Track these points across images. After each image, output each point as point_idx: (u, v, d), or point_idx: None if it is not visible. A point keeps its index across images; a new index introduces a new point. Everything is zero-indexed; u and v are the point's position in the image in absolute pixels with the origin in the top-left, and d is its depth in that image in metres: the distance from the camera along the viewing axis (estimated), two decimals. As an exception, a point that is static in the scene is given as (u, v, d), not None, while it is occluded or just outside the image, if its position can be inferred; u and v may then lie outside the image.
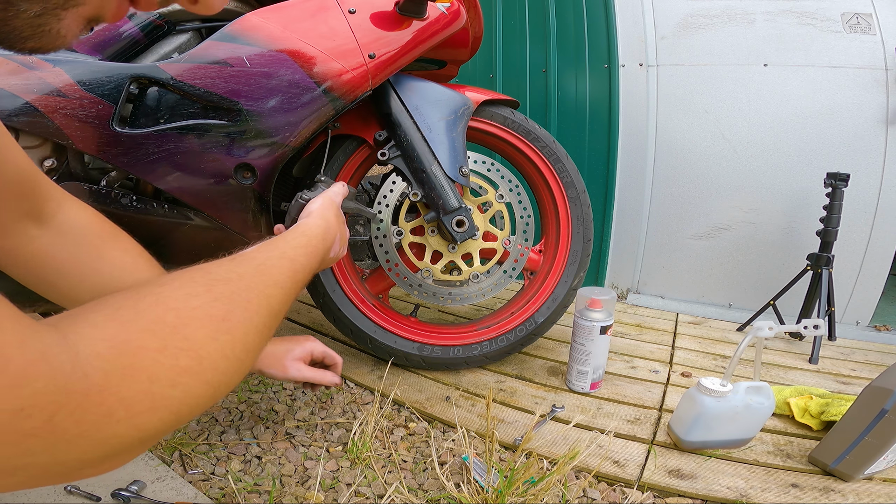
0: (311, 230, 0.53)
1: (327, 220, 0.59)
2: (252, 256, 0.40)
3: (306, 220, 0.57)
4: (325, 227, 0.56)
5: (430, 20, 0.84)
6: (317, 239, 0.52)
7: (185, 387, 0.27)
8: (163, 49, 0.75)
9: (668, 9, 1.60)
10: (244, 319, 0.33)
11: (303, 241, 0.49)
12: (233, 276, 0.35)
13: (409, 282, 1.00)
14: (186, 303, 0.30)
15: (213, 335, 0.30)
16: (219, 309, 0.31)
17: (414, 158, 0.90)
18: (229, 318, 0.32)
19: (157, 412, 0.26)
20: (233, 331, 0.32)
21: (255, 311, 0.35)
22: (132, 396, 0.24)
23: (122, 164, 0.68)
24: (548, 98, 1.73)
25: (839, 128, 1.43)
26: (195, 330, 0.29)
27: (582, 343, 0.94)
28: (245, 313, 0.33)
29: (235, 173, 0.74)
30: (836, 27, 1.43)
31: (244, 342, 0.33)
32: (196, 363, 0.28)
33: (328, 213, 0.61)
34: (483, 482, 0.68)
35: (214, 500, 0.66)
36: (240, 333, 0.32)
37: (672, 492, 0.69)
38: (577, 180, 1.08)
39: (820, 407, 0.85)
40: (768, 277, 1.55)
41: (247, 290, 0.35)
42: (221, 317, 0.31)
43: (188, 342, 0.28)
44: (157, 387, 0.26)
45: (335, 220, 0.61)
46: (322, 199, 0.64)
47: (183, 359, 0.28)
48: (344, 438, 0.81)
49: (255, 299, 0.35)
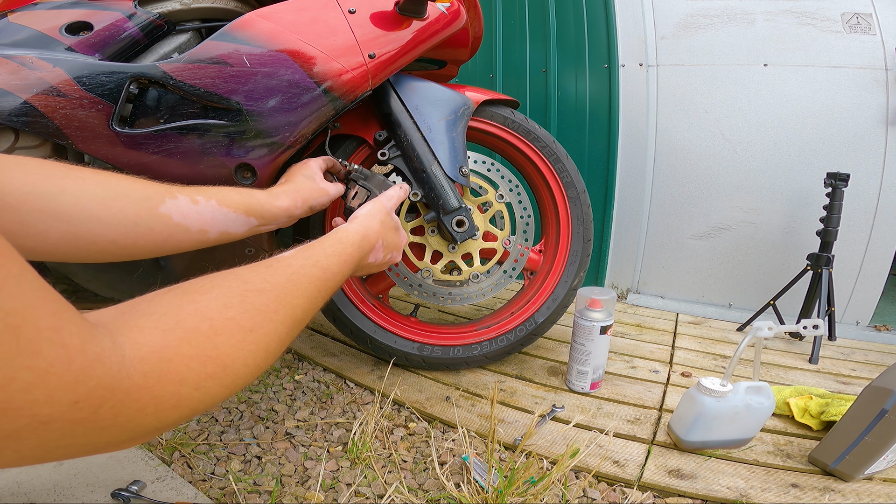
0: (348, 237, 0.55)
1: (367, 227, 0.60)
2: (288, 263, 0.43)
3: (346, 226, 0.58)
4: (364, 235, 0.58)
5: (430, 20, 0.84)
6: (352, 247, 0.54)
7: (207, 389, 0.31)
8: (163, 49, 0.75)
9: (668, 9, 1.60)
10: (269, 331, 0.36)
11: (338, 248, 0.51)
12: (266, 287, 0.38)
13: (409, 282, 1.00)
14: (221, 314, 0.33)
15: (240, 345, 0.33)
16: (248, 321, 0.35)
17: (414, 158, 0.90)
18: (256, 329, 0.35)
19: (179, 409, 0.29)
20: (258, 341, 0.35)
21: (280, 321, 0.38)
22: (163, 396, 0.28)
23: (121, 164, 0.68)
24: (548, 98, 1.73)
25: (839, 128, 1.43)
26: (225, 339, 0.32)
27: (582, 343, 0.94)
28: (271, 325, 0.37)
29: (235, 173, 0.74)
30: (836, 27, 1.43)
31: (266, 350, 0.36)
32: (221, 370, 0.32)
33: (372, 220, 0.62)
34: (483, 482, 0.68)
35: (214, 500, 0.66)
36: (263, 343, 0.36)
37: (672, 492, 0.69)
38: (577, 180, 1.08)
39: (820, 407, 0.85)
40: (768, 277, 1.55)
41: (276, 301, 0.38)
42: (249, 328, 0.35)
43: (217, 351, 0.32)
44: (184, 389, 0.29)
45: (378, 226, 0.62)
46: (372, 206, 0.65)
47: (210, 366, 0.31)
48: (344, 438, 0.81)
49: (283, 310, 0.38)
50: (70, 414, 0.23)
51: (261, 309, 0.36)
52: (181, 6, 0.75)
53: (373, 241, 0.60)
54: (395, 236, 0.67)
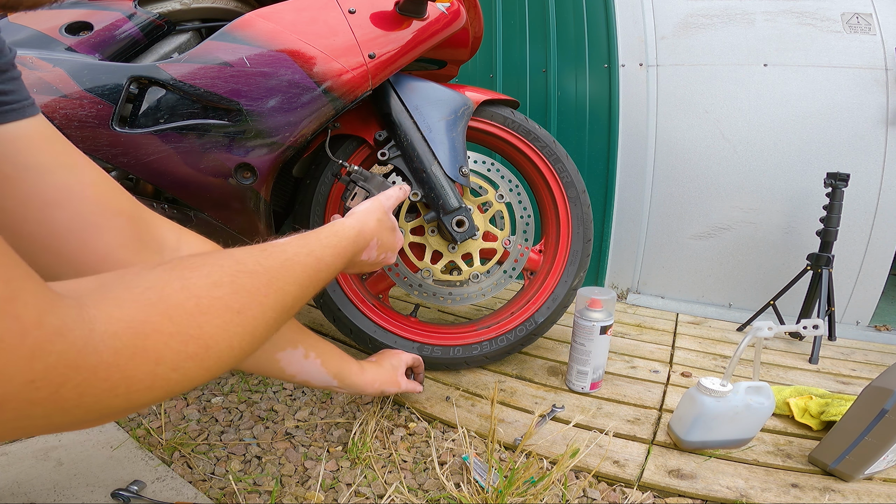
0: (344, 230, 0.54)
1: (364, 224, 0.60)
2: (282, 249, 0.41)
3: (343, 221, 0.58)
4: (359, 231, 0.58)
5: (430, 20, 0.84)
6: (347, 240, 0.54)
7: (185, 371, 0.28)
8: (163, 49, 0.75)
9: (668, 9, 1.60)
10: (258, 314, 0.34)
11: (333, 240, 0.51)
12: (259, 269, 0.36)
13: (409, 282, 1.00)
14: (209, 292, 0.31)
15: (226, 326, 0.31)
16: (237, 301, 0.33)
17: (414, 158, 0.90)
18: (244, 311, 0.33)
19: (153, 391, 0.27)
20: (245, 324, 0.33)
21: (270, 305, 0.36)
22: (136, 375, 0.25)
23: (121, 164, 0.68)
24: (548, 98, 1.73)
25: (839, 128, 1.43)
26: (210, 319, 0.30)
27: (582, 343, 0.94)
28: (260, 308, 0.35)
29: (235, 173, 0.74)
30: (836, 27, 1.43)
31: (253, 335, 0.34)
32: (203, 351, 0.29)
33: (369, 217, 0.62)
34: (483, 482, 0.68)
35: (214, 500, 0.66)
36: (250, 326, 0.34)
37: (672, 492, 0.69)
38: (577, 180, 1.08)
39: (820, 407, 0.85)
40: (768, 277, 1.55)
41: (267, 284, 0.36)
42: (237, 309, 0.32)
43: (200, 330, 0.29)
44: (161, 368, 0.27)
45: (375, 224, 0.62)
46: (370, 203, 0.65)
47: (192, 345, 0.29)
48: (344, 438, 0.81)
49: (273, 295, 0.36)
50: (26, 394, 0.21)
51: (251, 291, 0.34)
52: (181, 6, 0.75)
53: (368, 238, 0.60)
54: (390, 236, 0.67)
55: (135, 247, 0.46)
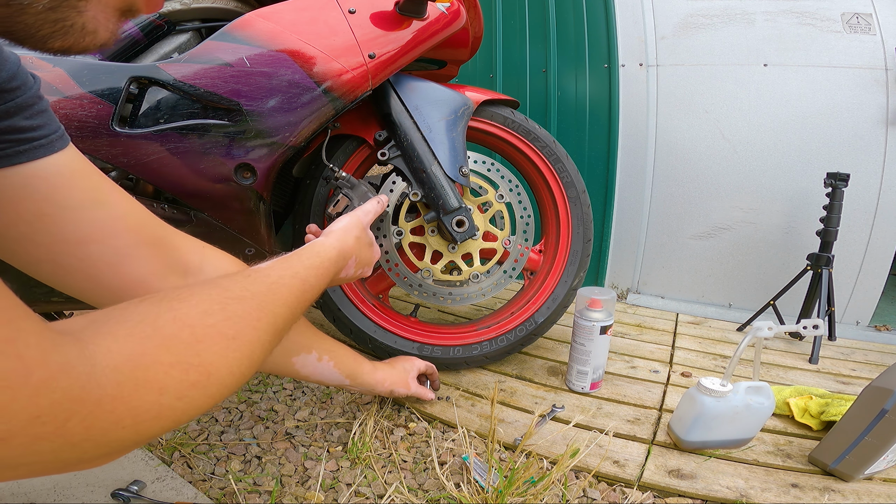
0: (325, 251, 0.55)
1: (344, 242, 0.60)
2: (266, 273, 0.42)
3: (323, 241, 0.58)
4: (339, 251, 0.58)
5: (430, 20, 0.84)
6: (329, 261, 0.54)
7: (190, 399, 0.29)
8: (163, 49, 0.75)
9: (668, 9, 1.60)
10: (253, 339, 0.35)
11: (316, 261, 0.51)
12: (246, 295, 0.37)
13: (409, 282, 1.00)
14: (202, 320, 0.32)
15: (223, 353, 0.32)
16: (230, 328, 0.33)
17: (414, 158, 0.90)
18: (239, 336, 0.34)
19: (160, 420, 0.27)
20: (241, 348, 0.34)
21: (263, 329, 0.37)
22: (141, 406, 0.26)
23: (121, 164, 0.68)
24: (548, 98, 1.73)
25: (839, 128, 1.43)
26: (207, 347, 0.31)
27: (582, 343, 0.94)
28: (254, 332, 0.36)
29: (235, 173, 0.74)
30: (836, 27, 1.43)
31: (250, 359, 0.35)
32: (204, 378, 0.30)
33: (348, 235, 0.63)
34: (483, 482, 0.68)
35: (214, 500, 0.66)
36: (247, 351, 0.34)
37: (672, 492, 0.69)
38: (577, 180, 1.08)
39: (820, 407, 0.85)
40: (768, 277, 1.55)
41: (258, 309, 0.37)
42: (232, 335, 0.33)
43: (199, 358, 0.30)
44: (165, 398, 0.27)
45: (353, 242, 0.63)
46: (348, 219, 0.66)
47: (193, 374, 0.29)
48: (344, 438, 0.81)
49: (265, 318, 0.37)
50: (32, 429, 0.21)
51: (243, 316, 0.35)
52: (181, 6, 0.75)
53: (347, 257, 0.61)
54: (368, 252, 0.68)
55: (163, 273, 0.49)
